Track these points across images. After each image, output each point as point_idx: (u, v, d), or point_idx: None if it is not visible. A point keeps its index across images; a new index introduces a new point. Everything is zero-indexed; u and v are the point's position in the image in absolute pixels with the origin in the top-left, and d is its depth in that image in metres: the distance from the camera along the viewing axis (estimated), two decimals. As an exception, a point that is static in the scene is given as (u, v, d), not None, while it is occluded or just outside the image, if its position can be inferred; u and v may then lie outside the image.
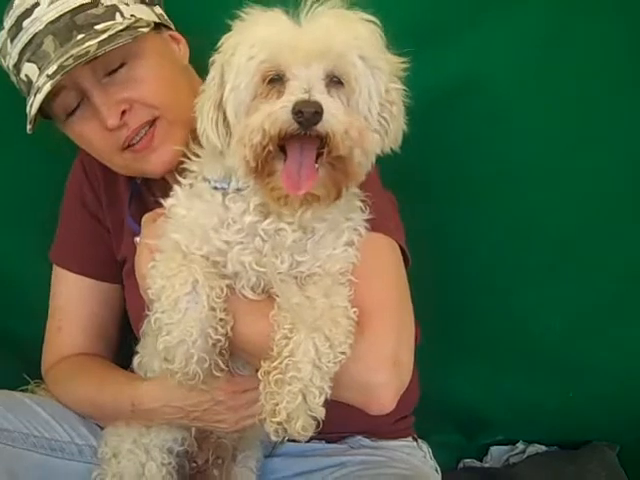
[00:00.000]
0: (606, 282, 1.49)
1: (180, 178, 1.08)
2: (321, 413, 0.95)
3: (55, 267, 1.38)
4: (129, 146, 1.16)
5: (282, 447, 1.33)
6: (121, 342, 1.40)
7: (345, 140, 0.91)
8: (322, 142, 0.92)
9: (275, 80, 0.94)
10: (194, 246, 1.02)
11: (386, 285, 1.07)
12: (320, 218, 1.02)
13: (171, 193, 1.08)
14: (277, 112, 0.90)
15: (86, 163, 1.36)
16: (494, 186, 1.45)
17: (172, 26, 1.24)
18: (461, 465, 1.74)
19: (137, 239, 1.15)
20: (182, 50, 1.24)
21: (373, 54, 0.95)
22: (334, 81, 0.94)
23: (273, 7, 0.97)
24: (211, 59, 1.00)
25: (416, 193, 1.36)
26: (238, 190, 1.03)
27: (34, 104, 1.12)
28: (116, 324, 1.39)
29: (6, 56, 1.17)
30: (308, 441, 1.27)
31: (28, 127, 1.15)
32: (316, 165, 0.94)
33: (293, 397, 0.94)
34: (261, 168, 0.95)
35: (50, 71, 1.10)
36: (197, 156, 1.08)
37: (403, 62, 1.00)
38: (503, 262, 1.49)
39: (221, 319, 1.01)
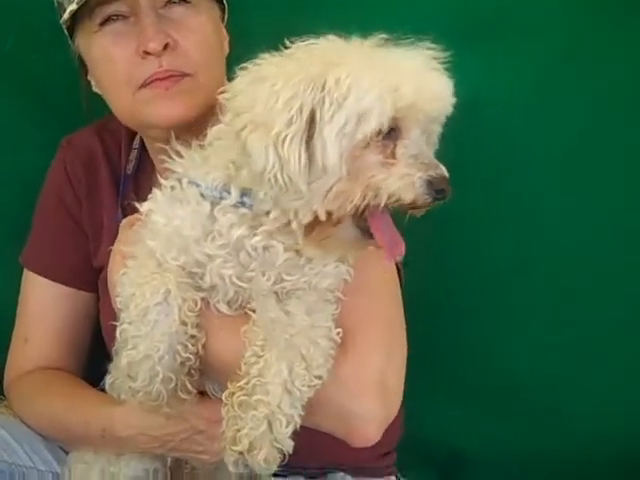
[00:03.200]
0: (595, 328, 1.44)
1: (161, 179, 1.00)
2: (288, 445, 0.88)
3: (26, 272, 1.30)
4: (150, 83, 1.08)
5: (260, 482, 1.26)
6: (94, 356, 1.30)
7: None
8: None
9: (387, 133, 0.85)
10: (170, 255, 0.94)
11: (375, 302, 1.00)
12: None
13: (149, 196, 1.00)
14: (415, 181, 0.84)
15: (68, 162, 1.28)
16: (488, 223, 1.40)
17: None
18: (438, 506, 1.68)
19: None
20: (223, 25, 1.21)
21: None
22: None
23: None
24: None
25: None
26: (239, 204, 0.94)
27: None
28: (88, 337, 1.31)
29: None
30: (286, 476, 1.23)
31: (70, 9, 1.09)
32: None
33: (257, 423, 0.86)
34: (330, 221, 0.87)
35: None
36: (180, 155, 0.98)
37: None
38: (492, 301, 1.45)
39: (192, 335, 0.93)
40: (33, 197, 1.32)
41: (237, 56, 1.04)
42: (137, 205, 1.00)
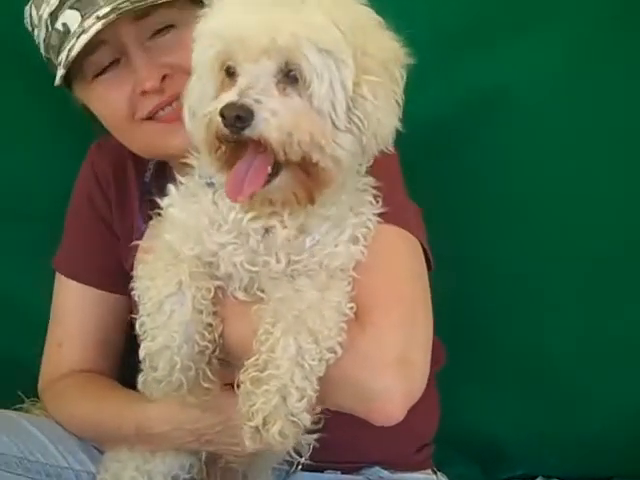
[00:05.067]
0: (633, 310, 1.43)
1: (178, 176, 1.01)
2: (304, 419, 0.86)
3: (58, 276, 1.30)
4: (153, 116, 1.10)
5: (295, 476, 1.24)
6: (128, 358, 1.29)
7: (291, 144, 0.82)
8: None
9: (232, 73, 0.87)
10: (187, 247, 0.95)
11: (395, 277, 0.96)
12: (319, 216, 0.93)
13: (167, 191, 1.01)
14: (211, 113, 0.84)
15: (96, 165, 1.29)
16: (520, 204, 1.40)
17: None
18: (477, 499, 1.65)
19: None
20: None
21: (335, 45, 0.84)
22: (291, 77, 0.85)
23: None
24: None
25: (439, 208, 1.28)
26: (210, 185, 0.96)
27: (76, 46, 1.06)
28: (121, 339, 1.30)
29: (41, 5, 1.11)
30: (322, 471, 1.23)
31: (59, 75, 1.10)
32: (269, 169, 0.85)
33: (270, 397, 0.85)
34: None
35: (101, 13, 1.05)
36: (198, 151, 0.99)
37: (399, 53, 0.89)
38: (533, 287, 1.43)
39: (209, 324, 0.93)
40: (65, 201, 1.33)
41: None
42: (158, 200, 1.01)
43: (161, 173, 1.25)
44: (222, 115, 0.82)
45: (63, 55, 1.09)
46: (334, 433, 1.06)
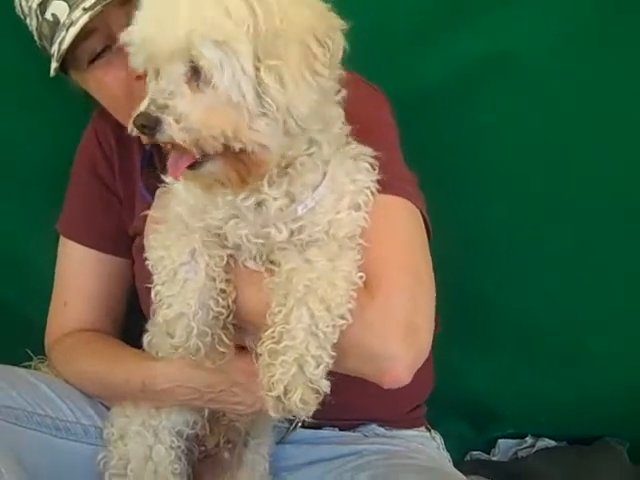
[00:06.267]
0: (625, 278, 1.45)
1: None
2: (324, 385, 0.90)
3: (62, 239, 1.33)
4: None
5: (294, 434, 1.28)
6: (128, 319, 1.34)
7: (204, 140, 0.85)
8: None
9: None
10: (194, 219, 0.98)
11: (400, 246, 1.00)
12: (303, 184, 0.95)
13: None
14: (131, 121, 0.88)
15: (99, 131, 1.31)
16: (515, 172, 1.40)
17: None
18: (468, 457, 1.69)
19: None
20: None
21: (228, 35, 0.85)
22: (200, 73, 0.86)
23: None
24: None
25: (435, 177, 1.28)
26: None
27: (66, 38, 1.08)
28: (124, 300, 1.34)
29: None
30: (320, 428, 1.28)
31: (53, 67, 1.12)
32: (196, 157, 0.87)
33: (288, 367, 0.88)
34: None
35: (87, 4, 1.07)
36: None
37: (319, 23, 0.87)
38: (520, 252, 1.45)
39: (222, 290, 0.96)
40: (68, 166, 1.34)
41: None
42: (163, 177, 1.03)
43: None
44: (134, 124, 0.87)
45: (55, 47, 1.11)
46: (334, 392, 1.09)
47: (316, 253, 0.94)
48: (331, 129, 0.96)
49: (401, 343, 0.94)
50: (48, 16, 1.11)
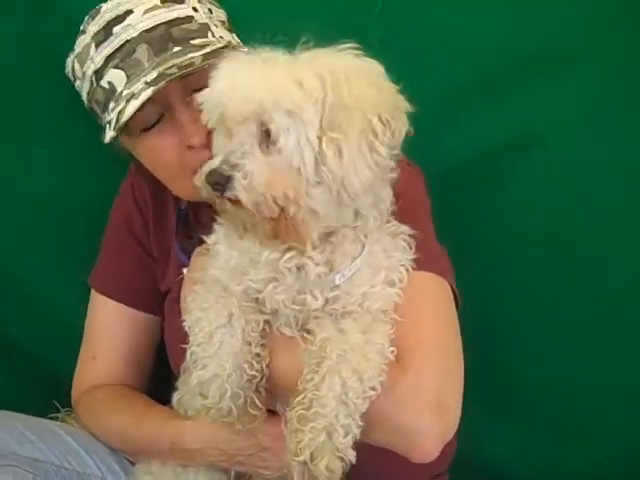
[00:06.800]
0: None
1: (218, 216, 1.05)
2: (350, 454, 0.92)
3: (93, 292, 1.35)
4: None
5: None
6: (156, 376, 1.36)
7: (265, 201, 0.89)
8: None
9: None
10: (234, 283, 1.00)
11: (432, 322, 1.03)
12: (343, 254, 0.99)
13: (214, 229, 1.06)
14: (200, 178, 0.93)
15: (136, 188, 1.34)
16: (541, 250, 1.42)
17: None
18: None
19: (184, 270, 1.14)
20: None
21: (297, 105, 0.89)
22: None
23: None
24: None
25: (461, 252, 1.27)
26: None
27: (127, 110, 1.10)
28: (152, 357, 1.36)
29: (86, 61, 1.16)
30: None
31: (110, 136, 1.14)
32: None
33: (316, 434, 0.90)
34: None
35: (149, 78, 1.09)
36: None
37: (383, 101, 0.91)
38: (545, 325, 1.46)
39: (257, 354, 0.98)
40: (104, 219, 1.37)
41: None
42: (204, 238, 1.06)
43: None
44: (207, 180, 0.91)
45: (112, 116, 1.13)
46: (359, 458, 1.09)
47: (350, 324, 0.97)
48: (380, 206, 1.00)
49: (431, 418, 0.96)
50: (104, 84, 1.14)
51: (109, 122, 1.14)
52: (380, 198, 0.99)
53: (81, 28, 1.17)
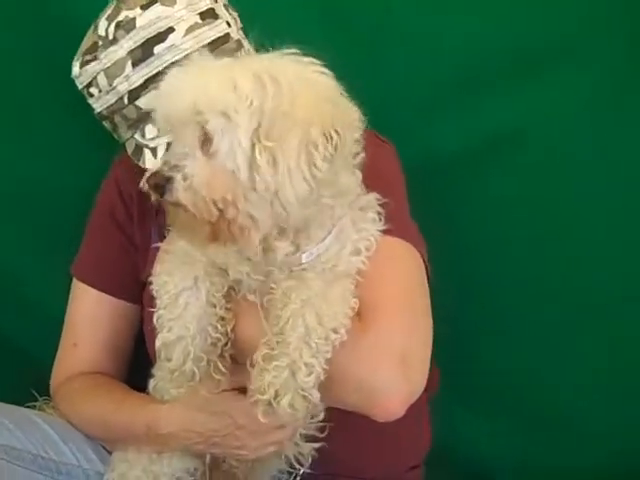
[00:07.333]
0: (629, 342, 1.45)
1: None
2: (314, 395, 0.91)
3: (75, 281, 1.35)
4: None
5: (294, 484, 1.29)
6: (134, 364, 1.36)
7: (204, 203, 0.89)
8: None
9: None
10: (198, 254, 1.01)
11: (399, 285, 1.02)
12: (309, 238, 0.98)
13: None
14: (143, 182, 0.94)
15: (120, 179, 1.33)
16: (523, 246, 1.43)
17: None
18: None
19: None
20: None
21: (230, 108, 0.88)
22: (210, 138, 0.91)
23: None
24: None
25: (442, 245, 1.28)
26: None
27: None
28: (132, 346, 1.36)
29: (117, 77, 1.15)
30: None
31: (148, 160, 1.17)
32: None
33: (280, 372, 0.91)
34: None
35: None
36: None
37: (330, 115, 0.89)
38: (525, 316, 1.46)
39: (222, 317, 1.00)
40: (86, 208, 1.38)
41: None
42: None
43: None
44: (148, 183, 0.92)
45: (138, 135, 1.17)
46: (335, 446, 1.11)
47: (313, 277, 0.97)
48: (346, 195, 0.99)
49: (393, 375, 0.95)
50: (139, 104, 1.15)
51: (138, 141, 1.17)
52: (345, 188, 0.98)
53: (111, 37, 1.15)
